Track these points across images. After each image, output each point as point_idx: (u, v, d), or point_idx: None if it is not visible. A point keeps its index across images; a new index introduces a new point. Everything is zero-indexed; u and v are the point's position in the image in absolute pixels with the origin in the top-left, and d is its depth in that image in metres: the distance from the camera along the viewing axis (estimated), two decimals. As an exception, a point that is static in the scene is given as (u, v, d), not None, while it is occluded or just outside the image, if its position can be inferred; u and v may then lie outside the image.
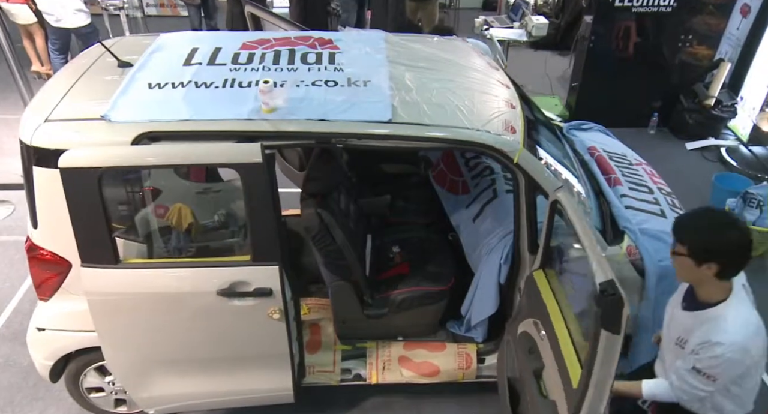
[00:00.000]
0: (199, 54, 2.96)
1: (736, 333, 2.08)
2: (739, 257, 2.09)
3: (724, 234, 2.07)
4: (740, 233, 2.07)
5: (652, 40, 5.95)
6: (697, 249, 2.09)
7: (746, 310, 2.15)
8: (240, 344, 2.82)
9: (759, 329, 2.11)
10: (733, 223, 2.10)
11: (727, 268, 2.10)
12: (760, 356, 2.13)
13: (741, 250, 2.07)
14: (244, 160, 2.42)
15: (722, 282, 2.15)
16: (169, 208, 3.05)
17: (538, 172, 2.63)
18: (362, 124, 2.53)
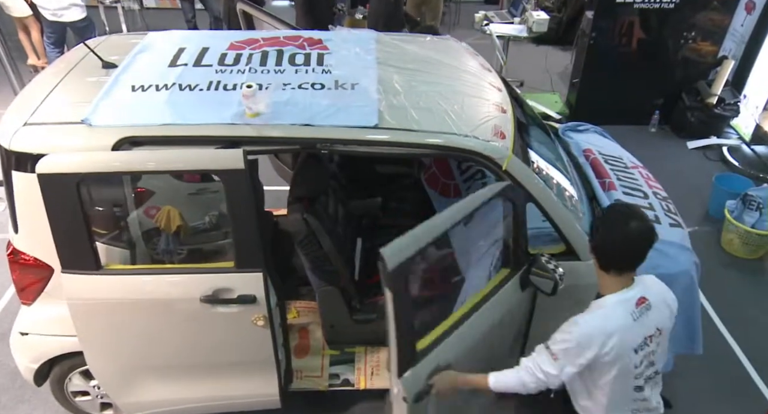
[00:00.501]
0: (186, 54, 2.91)
1: (595, 322, 2.07)
2: (610, 251, 2.09)
3: (601, 226, 2.12)
4: (619, 228, 2.05)
5: (655, 36, 5.86)
6: (591, 236, 2.17)
7: (622, 312, 2.08)
8: (224, 350, 2.79)
9: (612, 334, 2.05)
10: (620, 219, 2.07)
11: (603, 260, 2.11)
12: (608, 356, 2.06)
13: (612, 244, 2.07)
14: (226, 167, 2.38)
15: (609, 275, 2.12)
16: (160, 210, 3.03)
17: (528, 180, 2.58)
18: (347, 129, 2.47)
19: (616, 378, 2.12)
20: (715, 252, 4.62)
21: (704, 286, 4.15)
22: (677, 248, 2.89)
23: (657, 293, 2.18)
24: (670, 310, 2.22)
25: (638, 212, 2.12)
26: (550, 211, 2.64)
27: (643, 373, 2.17)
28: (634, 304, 2.09)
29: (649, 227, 2.07)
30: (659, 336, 2.17)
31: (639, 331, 2.11)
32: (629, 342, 2.09)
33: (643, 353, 2.13)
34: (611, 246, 2.08)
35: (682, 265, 2.84)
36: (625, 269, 2.11)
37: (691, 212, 5.03)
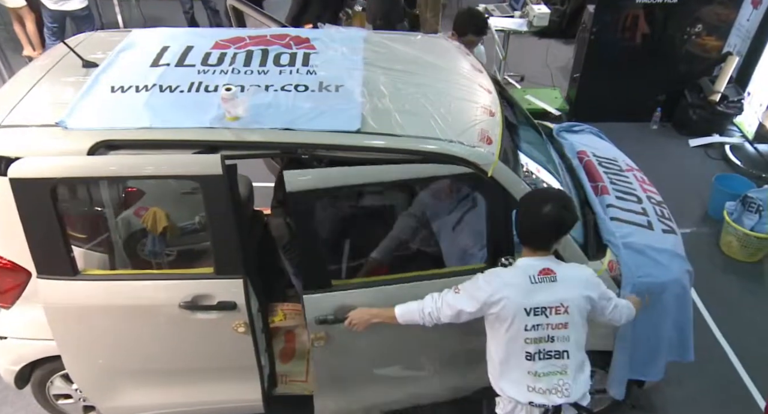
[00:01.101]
0: (169, 53, 2.85)
1: (495, 272, 2.36)
2: (521, 230, 2.37)
3: (521, 205, 2.40)
4: (533, 210, 2.30)
5: (657, 31, 5.72)
6: None
7: (521, 273, 2.31)
8: (205, 356, 2.76)
9: (506, 285, 2.29)
10: (536, 201, 2.32)
11: (518, 235, 2.41)
12: (498, 305, 2.27)
13: (522, 224, 2.36)
14: (203, 172, 2.33)
15: (526, 248, 2.37)
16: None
17: (515, 186, 2.51)
18: (329, 134, 2.41)
19: (508, 335, 2.30)
20: (714, 254, 4.55)
21: (701, 289, 4.13)
22: (669, 256, 2.82)
23: (571, 274, 2.36)
24: (585, 296, 2.33)
25: (558, 197, 2.35)
26: (537, 218, 2.57)
27: (537, 341, 2.29)
28: (537, 271, 2.30)
29: (561, 214, 2.27)
30: (565, 313, 2.30)
31: (535, 295, 2.28)
32: (522, 300, 2.27)
33: (538, 319, 2.28)
34: (522, 225, 2.36)
35: (674, 273, 2.77)
36: (536, 247, 2.35)
37: (691, 212, 4.95)
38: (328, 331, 2.64)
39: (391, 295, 2.58)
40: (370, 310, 2.52)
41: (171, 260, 3.24)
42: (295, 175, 2.31)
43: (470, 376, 3.00)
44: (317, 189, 2.37)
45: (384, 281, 2.66)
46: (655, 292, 2.72)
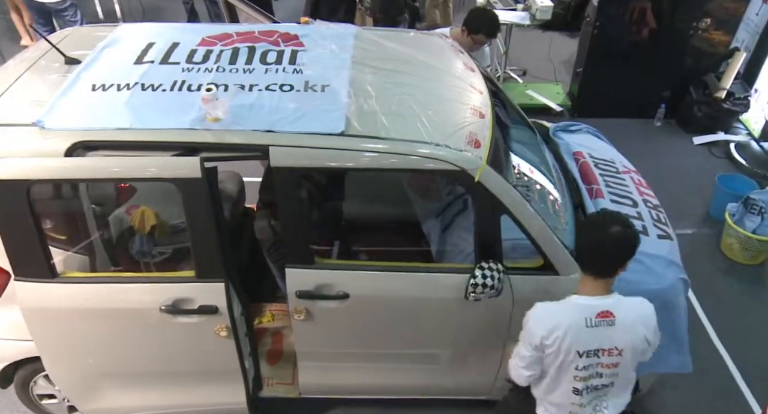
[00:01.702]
0: (154, 50, 2.79)
1: (548, 311, 2.20)
2: (586, 254, 2.20)
3: (583, 227, 2.30)
4: (599, 232, 2.14)
5: (663, 25, 5.58)
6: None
7: (577, 314, 2.15)
8: (188, 359, 2.73)
9: (558, 327, 2.14)
10: (602, 222, 2.18)
11: (580, 260, 2.26)
12: (551, 347, 2.16)
13: (589, 247, 2.17)
14: (182, 175, 2.28)
15: (586, 276, 2.21)
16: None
17: (503, 192, 2.44)
18: (311, 136, 2.35)
19: (558, 369, 2.21)
20: (714, 256, 4.46)
21: (700, 292, 4.05)
22: (663, 263, 2.75)
23: (630, 317, 2.20)
24: (642, 339, 2.19)
25: (621, 219, 2.18)
26: (526, 224, 2.51)
27: (586, 379, 2.22)
28: (596, 313, 2.15)
29: (629, 235, 2.12)
30: (618, 355, 2.20)
31: (591, 338, 2.16)
32: (575, 342, 2.15)
33: (590, 361, 2.19)
34: (588, 251, 2.18)
35: (668, 281, 2.70)
36: (600, 274, 2.17)
37: (692, 212, 4.86)
38: (307, 306, 2.64)
39: (372, 280, 2.61)
40: None
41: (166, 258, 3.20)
42: (279, 151, 2.31)
43: (460, 379, 2.97)
44: (301, 167, 2.38)
45: (367, 266, 2.68)
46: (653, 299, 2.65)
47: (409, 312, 2.72)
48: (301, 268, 2.59)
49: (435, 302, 2.67)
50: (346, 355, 2.91)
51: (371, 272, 2.63)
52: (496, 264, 2.48)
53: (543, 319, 2.19)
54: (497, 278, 2.46)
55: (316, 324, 2.72)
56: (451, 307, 2.64)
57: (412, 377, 3.00)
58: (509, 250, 2.64)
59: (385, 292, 2.65)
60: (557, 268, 2.60)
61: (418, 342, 2.87)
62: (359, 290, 2.63)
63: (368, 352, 2.90)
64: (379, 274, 2.63)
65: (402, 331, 2.82)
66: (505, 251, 2.61)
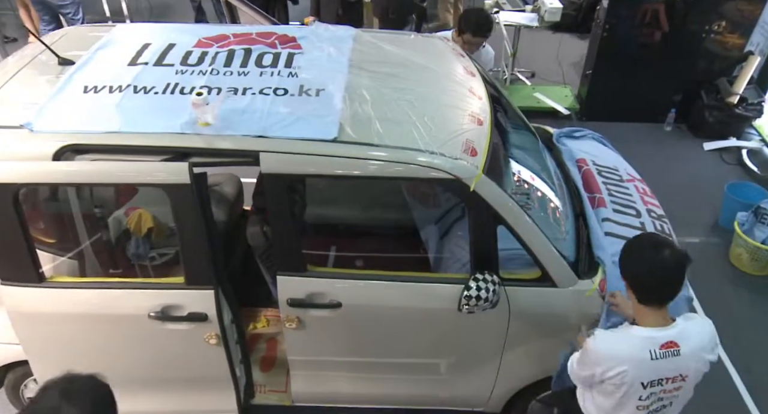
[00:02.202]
0: (149, 51, 2.76)
1: (611, 343, 2.10)
2: (650, 285, 2.06)
3: (633, 259, 2.10)
4: (654, 259, 2.03)
5: (675, 27, 5.47)
6: (622, 269, 2.14)
7: (641, 347, 2.06)
8: (177, 366, 2.70)
9: (622, 361, 2.07)
10: (651, 249, 2.06)
11: (642, 295, 2.08)
12: (613, 380, 2.09)
13: (651, 278, 2.04)
14: (170, 181, 2.24)
15: (648, 308, 2.08)
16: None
17: (499, 202, 2.38)
18: (303, 142, 2.30)
19: (620, 401, 2.14)
20: (723, 266, 4.35)
21: (706, 303, 3.96)
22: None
23: (695, 344, 2.11)
24: (705, 361, 2.16)
25: (667, 240, 2.14)
26: (523, 235, 2.44)
27: (649, 407, 2.16)
28: (659, 344, 2.06)
29: (683, 253, 2.05)
30: (681, 381, 2.14)
31: (656, 369, 2.08)
32: (640, 376, 2.07)
33: (654, 389, 2.12)
34: (650, 279, 2.05)
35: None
36: (664, 303, 2.08)
37: (701, 221, 4.75)
38: (299, 314, 2.60)
39: (365, 289, 2.55)
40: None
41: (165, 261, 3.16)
42: (270, 157, 2.26)
43: (455, 390, 2.91)
44: (292, 174, 2.33)
45: (360, 275, 2.62)
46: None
47: (403, 322, 2.67)
48: (293, 276, 2.54)
49: (430, 313, 2.61)
50: (340, 364, 2.86)
51: (365, 281, 2.58)
52: (491, 275, 2.42)
53: (604, 354, 2.10)
54: (492, 290, 2.39)
55: (308, 333, 2.68)
56: (447, 317, 2.58)
57: (407, 387, 2.95)
58: (506, 261, 2.57)
59: (378, 301, 2.59)
60: (555, 280, 2.53)
61: (412, 352, 2.81)
62: (352, 299, 2.58)
63: (362, 362, 2.85)
64: (373, 283, 2.57)
65: (396, 341, 2.77)
66: (502, 261, 2.55)
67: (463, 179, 2.31)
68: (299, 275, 2.54)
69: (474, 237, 2.46)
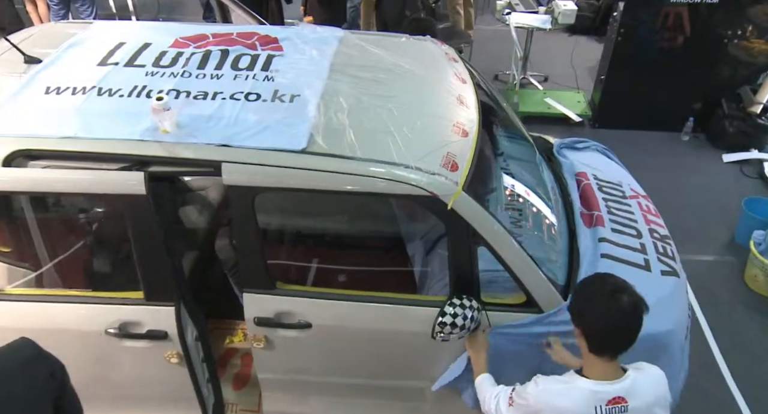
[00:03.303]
0: (122, 51, 2.63)
1: (553, 393, 1.91)
2: (604, 335, 1.85)
3: (587, 306, 1.88)
4: (611, 307, 1.82)
5: (695, 32, 5.20)
6: (572, 315, 1.94)
7: (585, 401, 1.86)
8: (138, 385, 2.56)
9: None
10: (608, 295, 1.83)
11: (595, 344, 1.87)
12: None
13: (606, 327, 1.83)
14: (125, 191, 2.10)
15: (599, 359, 1.87)
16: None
17: (479, 221, 2.19)
18: (269, 153, 2.14)
19: None
20: (736, 287, 4.09)
21: (717, 327, 3.72)
22: (663, 304, 2.44)
23: (646, 400, 1.91)
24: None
25: (625, 284, 1.88)
26: (506, 257, 2.25)
27: None
28: (606, 400, 1.86)
29: (641, 299, 1.84)
30: None
31: None
32: None
33: None
34: (605, 329, 1.85)
35: (665, 324, 2.39)
36: (618, 353, 1.88)
37: (716, 237, 4.49)
38: (267, 334, 2.45)
39: (337, 310, 2.39)
40: (480, 353, 2.27)
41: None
42: (233, 168, 2.11)
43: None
44: (255, 186, 2.16)
45: (331, 294, 2.43)
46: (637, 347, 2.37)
47: (377, 345, 2.50)
48: (260, 294, 2.39)
49: (406, 336, 2.43)
50: (312, 385, 2.70)
51: (336, 301, 2.41)
52: (470, 300, 2.23)
53: (544, 406, 1.92)
54: (470, 317, 2.21)
55: (278, 353, 2.52)
56: (423, 341, 2.40)
57: (383, 411, 2.77)
58: (488, 283, 2.39)
59: (351, 323, 2.42)
60: (541, 305, 2.34)
61: (388, 375, 2.64)
62: (323, 320, 2.42)
63: (336, 383, 2.69)
64: (345, 304, 2.40)
65: (371, 364, 2.60)
66: (485, 284, 2.37)
67: (440, 196, 2.12)
68: (266, 293, 2.38)
69: (453, 258, 2.28)
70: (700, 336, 3.66)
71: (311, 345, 2.48)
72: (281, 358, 2.54)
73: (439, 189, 2.12)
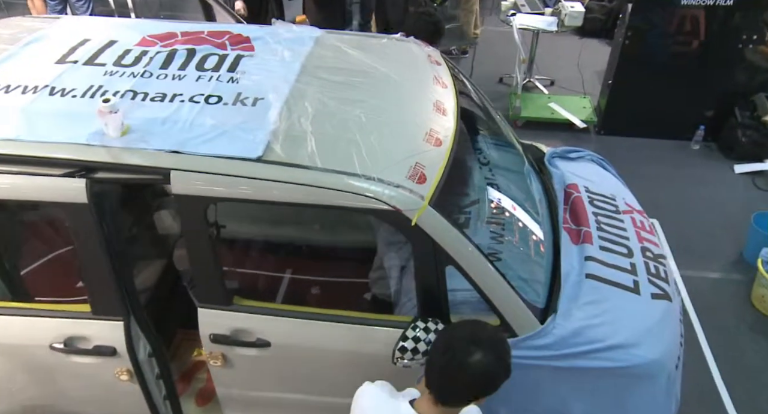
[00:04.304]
0: (85, 48, 2.52)
1: (377, 402, 1.83)
2: (443, 383, 1.70)
3: (439, 351, 1.72)
4: (462, 353, 1.67)
5: (711, 35, 4.97)
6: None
7: None
8: (89, 403, 2.44)
9: None
10: (471, 342, 1.68)
11: (433, 391, 1.72)
12: None
13: (446, 376, 1.68)
14: (64, 200, 1.96)
15: (430, 395, 1.73)
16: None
17: (446, 238, 2.02)
18: (222, 161, 1.99)
19: None
20: (742, 308, 3.85)
21: (718, 350, 3.50)
22: (650, 332, 2.25)
23: None
24: None
25: (487, 342, 1.70)
26: (477, 278, 2.08)
27: None
28: None
29: (491, 371, 1.68)
30: None
31: None
32: None
33: None
34: (435, 371, 1.71)
35: (651, 354, 2.20)
36: (443, 401, 1.73)
37: (723, 253, 4.25)
38: (225, 351, 2.31)
39: (298, 328, 2.24)
40: None
41: None
42: (182, 177, 1.97)
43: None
44: (205, 196, 2.00)
45: (292, 312, 2.27)
46: (621, 377, 2.19)
47: (342, 367, 2.33)
48: (215, 309, 2.24)
49: (371, 358, 2.27)
50: (274, 403, 2.54)
51: (297, 319, 2.25)
52: (436, 323, 2.06)
53: (361, 405, 1.85)
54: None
55: (236, 371, 2.37)
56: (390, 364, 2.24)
57: None
58: (461, 304, 2.22)
59: (313, 343, 2.27)
60: (515, 329, 2.16)
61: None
62: (283, 339, 2.26)
63: (300, 402, 2.53)
64: (307, 322, 2.24)
65: (337, 384, 2.43)
66: (457, 304, 2.20)
67: (403, 211, 1.96)
68: (222, 309, 2.24)
69: (419, 278, 2.11)
70: (700, 361, 3.45)
71: (271, 364, 2.33)
72: (240, 377, 2.40)
73: (403, 203, 1.96)
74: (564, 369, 2.17)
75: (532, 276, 2.43)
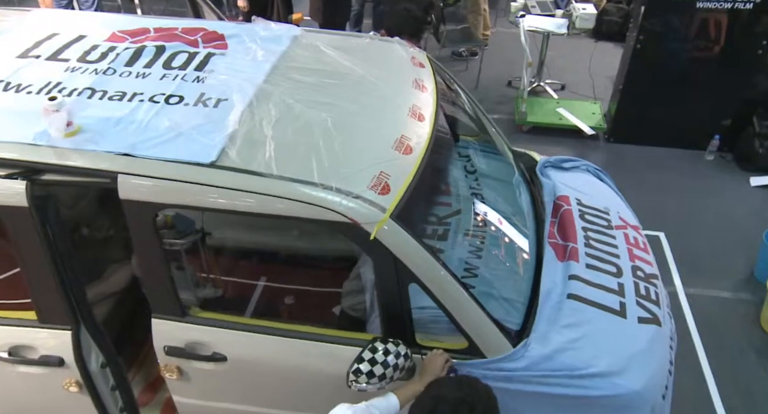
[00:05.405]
0: (51, 42, 2.45)
1: None
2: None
3: (435, 396, 1.65)
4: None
5: (725, 41, 4.72)
6: None
7: None
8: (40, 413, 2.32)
9: None
10: (457, 402, 1.62)
11: None
12: None
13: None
14: (3, 202, 1.86)
15: None
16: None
17: (409, 253, 1.87)
18: (172, 165, 1.87)
19: None
20: (750, 330, 3.63)
21: (722, 374, 3.30)
22: (634, 360, 2.08)
23: None
24: None
25: (478, 406, 1.63)
26: (441, 297, 1.93)
27: None
28: None
29: None
30: None
31: None
32: None
33: None
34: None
35: (630, 383, 2.02)
36: None
37: (733, 271, 4.02)
38: (180, 364, 2.19)
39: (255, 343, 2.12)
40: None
41: None
42: (129, 181, 1.86)
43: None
44: (154, 203, 1.90)
45: (249, 326, 2.16)
46: (599, 407, 2.02)
47: (302, 384, 2.20)
48: (169, 321, 2.12)
49: (330, 377, 2.13)
50: None
51: (255, 334, 2.13)
52: (396, 344, 1.92)
53: None
54: (393, 365, 1.89)
55: (192, 384, 2.26)
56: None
57: None
58: (429, 323, 2.07)
59: (270, 358, 2.14)
60: (484, 352, 2.01)
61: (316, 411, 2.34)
62: (239, 354, 2.14)
63: None
64: (264, 337, 2.12)
65: (296, 400, 2.30)
66: (425, 323, 2.05)
67: (361, 224, 1.82)
68: (176, 320, 2.12)
69: (380, 296, 1.97)
70: (701, 386, 3.25)
71: (228, 379, 2.21)
72: (197, 389, 2.28)
73: (361, 215, 1.81)
74: (535, 394, 2.01)
75: (510, 294, 2.27)
